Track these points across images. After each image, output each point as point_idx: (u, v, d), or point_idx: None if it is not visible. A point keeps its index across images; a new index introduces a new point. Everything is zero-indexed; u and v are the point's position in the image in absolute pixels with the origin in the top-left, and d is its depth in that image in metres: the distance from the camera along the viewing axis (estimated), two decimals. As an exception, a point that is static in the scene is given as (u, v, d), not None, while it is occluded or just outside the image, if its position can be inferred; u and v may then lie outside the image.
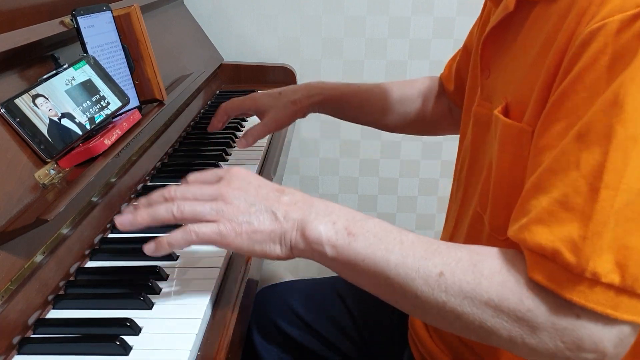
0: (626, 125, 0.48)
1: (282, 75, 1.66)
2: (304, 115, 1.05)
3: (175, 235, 0.61)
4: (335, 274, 0.64)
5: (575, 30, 0.53)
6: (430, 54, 1.72)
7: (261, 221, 0.60)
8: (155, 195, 0.64)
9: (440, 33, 1.69)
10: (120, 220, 0.62)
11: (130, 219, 0.62)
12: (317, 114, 1.07)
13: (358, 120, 1.11)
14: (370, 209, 1.89)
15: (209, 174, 0.66)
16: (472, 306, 0.53)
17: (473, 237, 0.73)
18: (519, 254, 0.55)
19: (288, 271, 1.93)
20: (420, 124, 1.08)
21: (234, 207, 0.61)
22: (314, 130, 1.80)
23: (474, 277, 0.54)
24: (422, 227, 1.91)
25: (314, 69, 1.74)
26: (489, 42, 0.70)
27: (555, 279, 0.50)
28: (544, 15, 0.60)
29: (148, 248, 0.62)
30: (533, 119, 0.58)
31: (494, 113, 0.64)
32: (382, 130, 1.14)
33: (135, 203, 0.65)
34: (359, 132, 1.79)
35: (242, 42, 1.72)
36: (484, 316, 0.53)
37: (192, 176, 0.67)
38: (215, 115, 1.06)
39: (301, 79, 1.72)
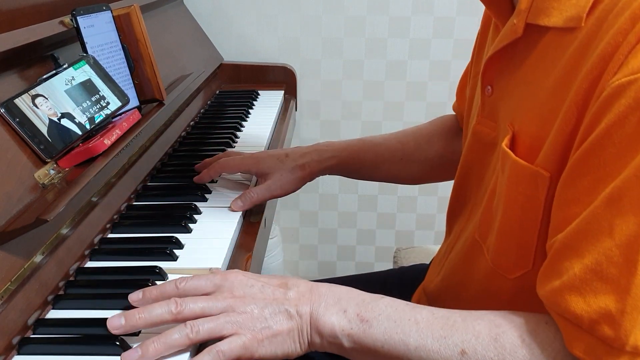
0: None
1: (282, 75, 1.66)
2: (311, 180, 0.96)
3: (202, 357, 0.57)
4: (335, 275, 0.62)
5: (599, 77, 0.50)
6: (431, 54, 1.72)
7: (279, 323, 0.59)
8: (158, 309, 0.59)
9: (440, 33, 1.69)
10: (127, 356, 0.57)
11: (142, 353, 0.57)
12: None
13: (376, 177, 1.02)
14: (370, 209, 1.89)
15: (203, 282, 0.63)
16: None
17: (469, 263, 0.72)
18: (541, 323, 0.55)
19: (288, 272, 1.93)
20: (444, 166, 0.98)
21: (248, 315, 0.59)
22: (314, 131, 1.80)
23: (497, 352, 0.53)
24: (422, 227, 1.91)
25: (314, 69, 1.74)
26: (494, 60, 0.67)
27: (593, 352, 0.50)
28: (557, 44, 0.57)
29: None
30: (549, 164, 0.56)
31: (502, 147, 0.62)
32: (407, 184, 1.03)
33: (138, 316, 0.60)
34: (359, 132, 1.79)
35: (242, 42, 1.72)
36: None
37: (184, 284, 0.62)
38: (209, 168, 0.95)
39: (301, 79, 1.72)
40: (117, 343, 0.59)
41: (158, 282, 0.70)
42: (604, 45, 0.50)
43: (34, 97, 0.75)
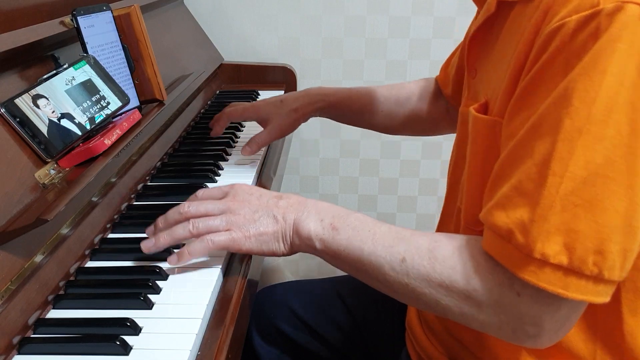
0: (572, 118, 0.52)
1: (282, 75, 1.66)
2: (305, 121, 1.09)
3: (194, 245, 0.70)
4: (334, 275, 0.67)
5: (540, 26, 0.56)
6: (431, 54, 1.72)
7: (265, 224, 0.70)
8: (171, 213, 0.73)
9: (440, 33, 1.69)
10: (145, 245, 0.72)
11: (153, 243, 0.72)
12: (318, 120, 1.09)
13: (358, 123, 1.14)
14: (370, 209, 1.89)
15: (215, 190, 0.76)
16: (429, 287, 0.60)
17: (457, 229, 0.75)
18: (472, 239, 0.61)
19: (288, 271, 1.93)
20: (418, 124, 1.10)
21: (241, 216, 0.70)
22: (314, 130, 1.80)
23: (430, 262, 0.60)
24: (422, 227, 1.92)
25: (314, 69, 1.74)
26: (475, 43, 0.72)
27: (509, 258, 0.55)
28: (520, 15, 0.62)
29: (171, 259, 0.72)
30: (502, 111, 0.61)
31: (469, 109, 0.68)
32: (383, 132, 1.16)
33: (154, 225, 0.75)
34: (359, 132, 1.79)
35: (242, 42, 1.72)
36: (439, 296, 0.60)
37: (201, 192, 0.77)
38: (217, 120, 1.10)
39: (301, 79, 1.72)
40: (117, 343, 0.59)
41: (158, 282, 0.70)
42: (546, 2, 0.56)
43: (34, 97, 0.75)
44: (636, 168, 0.51)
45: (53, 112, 0.76)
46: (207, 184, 0.98)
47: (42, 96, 0.76)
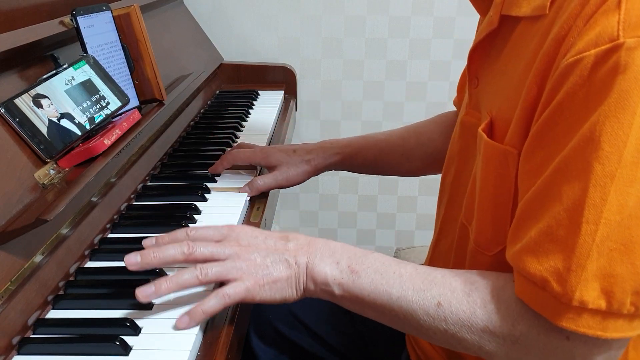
0: (603, 162, 0.50)
1: (282, 75, 1.66)
2: (316, 174, 1.03)
3: (210, 303, 0.63)
4: None
5: (554, 57, 0.54)
6: (431, 54, 1.72)
7: (279, 271, 0.65)
8: (171, 251, 0.65)
9: (440, 33, 1.69)
10: (143, 293, 0.63)
11: (153, 290, 0.63)
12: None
13: (378, 172, 1.09)
14: (370, 209, 1.89)
15: (212, 231, 0.69)
16: (470, 333, 0.58)
17: (461, 248, 0.74)
18: (509, 281, 0.59)
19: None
20: (444, 160, 1.06)
21: (252, 262, 0.65)
22: (314, 131, 1.80)
23: (469, 306, 0.58)
24: (421, 227, 1.91)
25: (314, 69, 1.74)
26: (477, 53, 0.71)
27: (546, 306, 0.54)
28: (527, 33, 0.61)
29: (182, 321, 0.63)
30: (515, 141, 0.60)
31: (478, 131, 0.65)
32: (406, 176, 1.10)
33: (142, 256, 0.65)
34: (359, 132, 1.79)
35: (242, 42, 1.72)
36: (482, 341, 0.58)
37: (194, 232, 0.69)
38: (220, 160, 1.02)
39: (301, 79, 1.72)
40: (117, 343, 0.59)
41: (158, 282, 0.70)
42: (557, 29, 0.54)
43: (34, 97, 0.75)
44: None
45: (53, 112, 0.76)
46: (207, 184, 0.98)
47: (41, 96, 0.76)
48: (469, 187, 0.71)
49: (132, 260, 0.65)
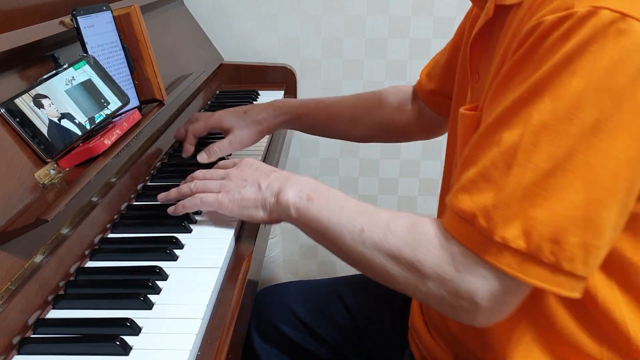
0: (541, 112, 0.54)
1: (282, 75, 1.66)
2: (269, 133, 1.12)
3: (187, 200, 0.82)
4: (335, 276, 0.67)
5: (519, 24, 0.59)
6: (431, 54, 1.71)
7: (248, 192, 0.78)
8: (188, 177, 0.86)
9: (440, 33, 1.69)
10: (159, 196, 0.86)
11: (165, 195, 0.86)
12: None
13: (326, 134, 1.14)
14: (370, 209, 1.89)
15: (229, 161, 0.87)
16: (380, 256, 0.64)
17: None
18: (427, 217, 0.64)
19: (288, 272, 1.93)
20: (389, 132, 1.11)
21: (233, 183, 0.80)
22: (314, 130, 1.80)
23: (384, 233, 0.64)
24: (422, 227, 1.91)
25: (314, 69, 1.74)
26: (476, 46, 0.73)
27: (471, 240, 0.58)
28: (513, 18, 0.63)
29: (169, 210, 0.84)
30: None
31: (460, 109, 0.69)
32: (352, 141, 1.17)
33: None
34: (359, 132, 1.79)
35: (242, 42, 1.72)
36: (388, 265, 0.64)
37: (220, 162, 0.89)
38: (186, 139, 1.09)
39: (301, 79, 1.72)
40: (118, 343, 0.59)
41: (158, 282, 0.70)
42: (530, 2, 0.59)
43: (34, 97, 0.75)
44: (595, 165, 0.53)
45: (53, 112, 0.76)
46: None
47: (42, 96, 0.76)
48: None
49: (162, 195, 0.86)
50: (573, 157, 0.53)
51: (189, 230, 0.83)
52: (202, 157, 1.04)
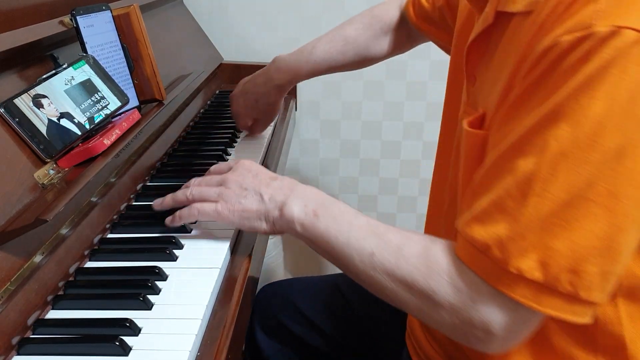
0: (559, 140, 0.52)
1: (282, 75, 1.65)
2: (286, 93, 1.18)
3: (183, 211, 0.77)
4: (337, 273, 0.71)
5: (531, 41, 0.56)
6: (431, 54, 1.72)
7: (251, 202, 0.74)
8: (179, 195, 0.80)
9: (440, 33, 1.69)
10: (154, 203, 0.82)
11: (160, 202, 0.81)
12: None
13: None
14: (370, 209, 1.89)
15: (224, 165, 0.82)
16: (390, 282, 0.63)
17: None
18: (439, 242, 0.63)
19: (288, 273, 1.93)
20: (374, 61, 1.17)
21: (231, 190, 0.75)
22: (313, 131, 1.80)
23: (396, 258, 0.62)
24: (422, 227, 1.90)
25: (313, 69, 1.74)
26: (473, 50, 0.71)
27: (484, 269, 0.57)
28: (520, 28, 0.61)
29: (167, 220, 0.79)
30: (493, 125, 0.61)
31: (462, 122, 0.66)
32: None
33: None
34: (359, 132, 1.79)
35: (242, 42, 1.72)
36: (399, 291, 0.62)
37: (212, 167, 0.83)
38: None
39: (301, 79, 1.72)
40: (117, 343, 0.59)
41: (158, 283, 0.70)
42: (542, 17, 0.56)
43: (33, 97, 0.74)
44: (618, 192, 0.51)
45: (52, 112, 0.76)
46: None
47: (41, 96, 0.76)
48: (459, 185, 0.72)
49: (157, 202, 0.81)
50: (594, 186, 0.51)
51: (189, 230, 0.83)
52: (253, 133, 1.18)
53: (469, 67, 0.72)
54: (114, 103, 0.87)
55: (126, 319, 0.63)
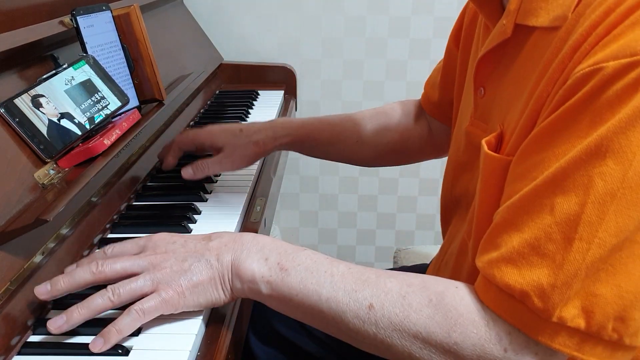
0: (606, 179, 0.47)
1: (282, 75, 1.66)
2: (266, 155, 1.00)
3: (122, 322, 0.58)
4: None
5: (567, 65, 0.52)
6: (431, 54, 1.72)
7: (198, 273, 0.61)
8: (79, 274, 0.61)
9: (440, 33, 1.69)
10: (54, 324, 0.59)
11: (65, 320, 0.59)
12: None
13: (330, 156, 1.04)
14: (370, 209, 1.89)
15: (129, 245, 0.65)
16: (401, 338, 0.55)
17: (459, 265, 0.72)
18: (450, 287, 0.56)
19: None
20: (400, 152, 1.02)
21: (168, 270, 0.61)
22: (313, 130, 1.80)
23: (403, 309, 0.55)
24: (422, 227, 1.91)
25: (314, 69, 1.74)
26: (485, 63, 0.68)
27: (521, 320, 0.52)
28: (542, 43, 0.58)
29: (95, 344, 0.57)
30: (515, 150, 0.57)
31: (482, 142, 0.62)
32: (358, 165, 1.07)
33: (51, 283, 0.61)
34: (359, 132, 1.79)
35: (242, 42, 1.72)
36: (413, 348, 0.55)
37: (110, 249, 0.65)
38: (170, 151, 0.99)
39: (301, 79, 1.72)
40: (117, 343, 0.59)
41: (158, 282, 0.70)
42: (576, 37, 0.51)
43: (33, 97, 0.74)
44: None
45: (52, 112, 0.76)
46: (206, 184, 0.97)
47: (41, 96, 0.76)
48: (475, 202, 0.68)
49: (42, 290, 0.60)
50: None
51: (189, 231, 0.83)
52: (187, 172, 0.92)
53: (477, 78, 0.69)
54: (114, 103, 0.87)
55: (126, 319, 0.63)
